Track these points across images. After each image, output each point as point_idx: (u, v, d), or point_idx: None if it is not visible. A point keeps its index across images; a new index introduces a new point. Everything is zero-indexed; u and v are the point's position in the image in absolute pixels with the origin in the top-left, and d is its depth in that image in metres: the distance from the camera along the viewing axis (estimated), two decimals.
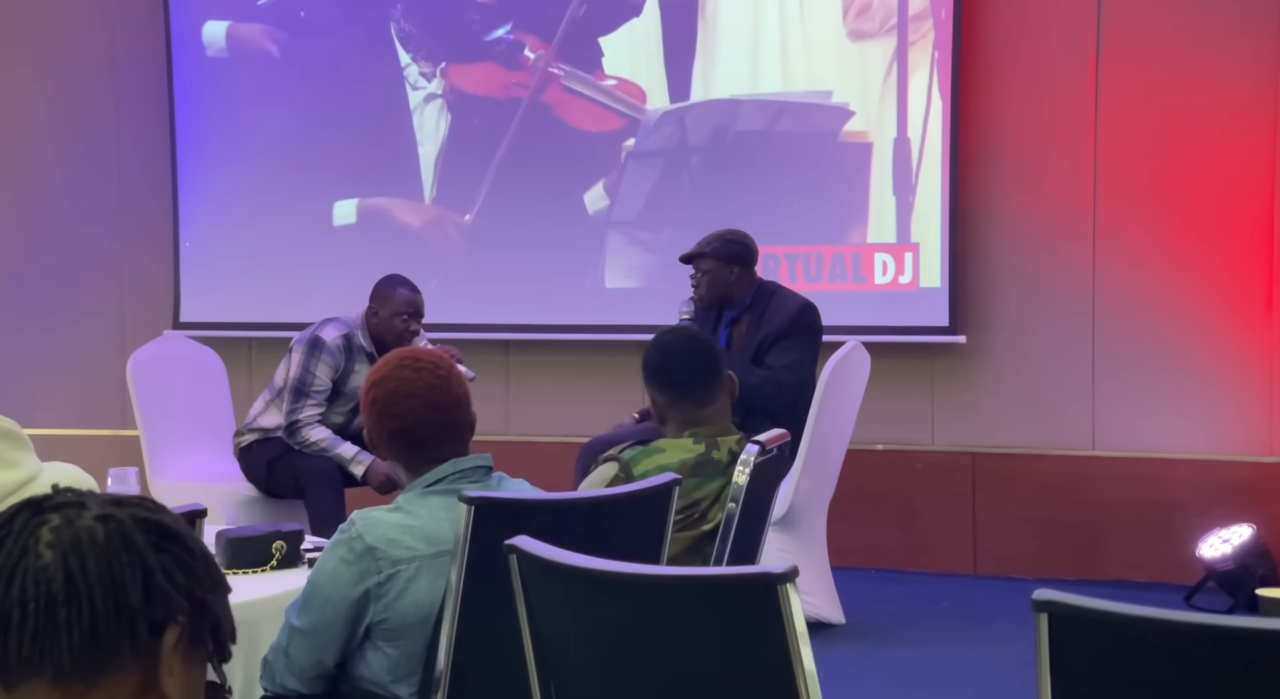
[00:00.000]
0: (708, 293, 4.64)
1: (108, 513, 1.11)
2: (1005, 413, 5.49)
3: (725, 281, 4.61)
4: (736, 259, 4.62)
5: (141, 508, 1.14)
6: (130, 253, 6.53)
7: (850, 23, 5.54)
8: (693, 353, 3.01)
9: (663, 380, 2.99)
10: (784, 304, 4.59)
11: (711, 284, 4.61)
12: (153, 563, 1.10)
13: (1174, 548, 5.10)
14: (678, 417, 2.97)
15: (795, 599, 1.73)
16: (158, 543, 1.12)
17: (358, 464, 4.60)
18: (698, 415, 2.96)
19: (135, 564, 1.10)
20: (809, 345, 4.58)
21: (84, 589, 1.07)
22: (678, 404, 2.97)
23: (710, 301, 4.66)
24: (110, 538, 1.10)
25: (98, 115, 6.53)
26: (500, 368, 6.03)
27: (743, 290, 4.63)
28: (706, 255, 4.63)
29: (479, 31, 6.03)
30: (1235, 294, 5.22)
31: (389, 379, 2.39)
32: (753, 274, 4.67)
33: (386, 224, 6.19)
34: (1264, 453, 5.17)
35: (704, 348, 3.04)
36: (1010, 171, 5.47)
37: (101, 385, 6.39)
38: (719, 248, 4.62)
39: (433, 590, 2.28)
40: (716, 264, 4.61)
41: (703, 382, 2.97)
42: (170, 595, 1.10)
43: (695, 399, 2.96)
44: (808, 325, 4.58)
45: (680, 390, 2.96)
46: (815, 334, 4.61)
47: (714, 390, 2.98)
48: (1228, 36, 5.19)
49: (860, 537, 5.41)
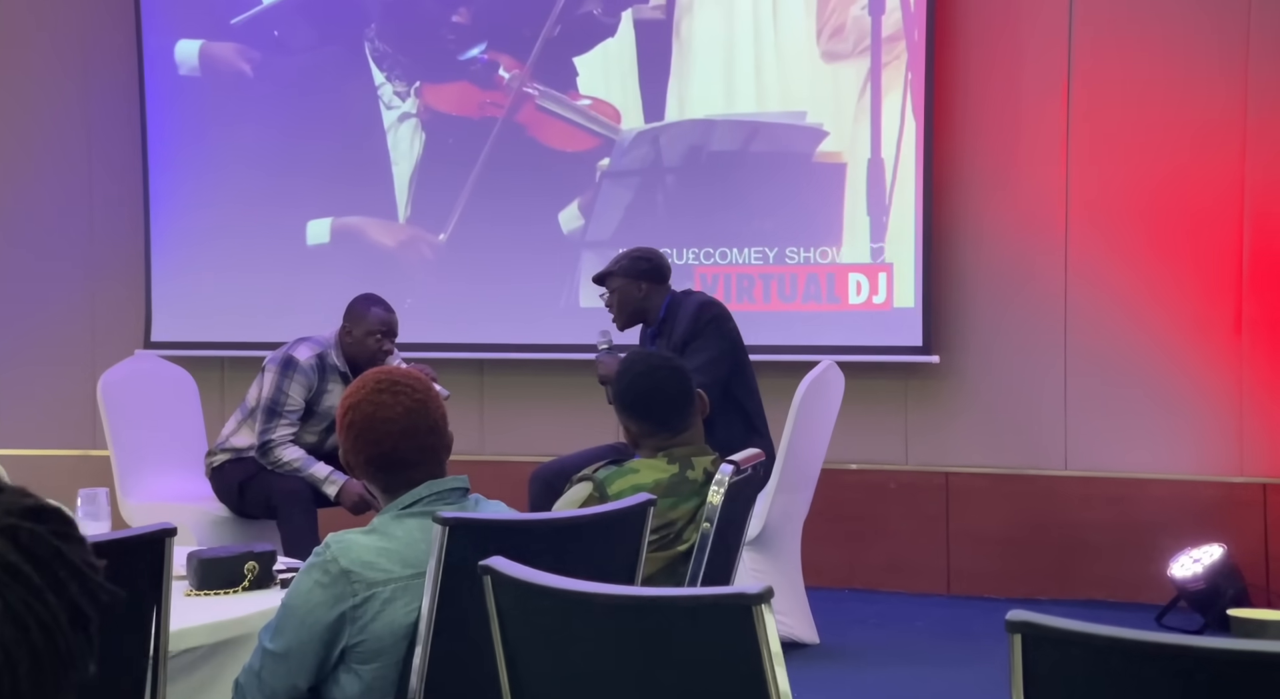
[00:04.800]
0: (619, 312, 4.62)
1: (6, 524, 0.94)
2: (978, 433, 5.51)
3: (634, 299, 4.59)
4: (643, 275, 4.59)
5: (10, 495, 0.97)
6: (101, 272, 6.49)
7: (824, 44, 5.57)
8: (663, 380, 3.00)
9: (637, 412, 2.98)
10: (686, 307, 4.55)
11: (621, 302, 4.60)
12: (74, 558, 0.95)
13: (1145, 567, 5.12)
14: (651, 443, 2.98)
15: (770, 620, 1.73)
16: (59, 531, 0.96)
17: (331, 484, 4.58)
18: (669, 441, 2.96)
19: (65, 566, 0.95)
20: (716, 340, 4.46)
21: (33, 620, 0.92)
22: (653, 433, 2.97)
23: (625, 321, 4.65)
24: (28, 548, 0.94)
25: (69, 133, 6.50)
26: (475, 387, 6.02)
27: (655, 305, 4.60)
28: (614, 274, 4.61)
29: (454, 51, 6.04)
30: (1204, 315, 5.26)
31: (365, 403, 2.37)
32: (663, 289, 4.63)
33: (360, 243, 6.17)
34: (1234, 473, 5.21)
35: (676, 375, 3.03)
36: (983, 193, 5.50)
37: (71, 405, 6.34)
38: (625, 266, 4.61)
39: (408, 612, 2.27)
40: (624, 282, 4.59)
41: (677, 409, 2.97)
42: (94, 582, 0.96)
43: (670, 427, 2.96)
44: (710, 321, 4.49)
45: (655, 420, 2.97)
46: (719, 327, 4.50)
47: (688, 416, 2.99)
48: (1197, 59, 5.24)
49: (834, 556, 5.41)
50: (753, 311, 5.63)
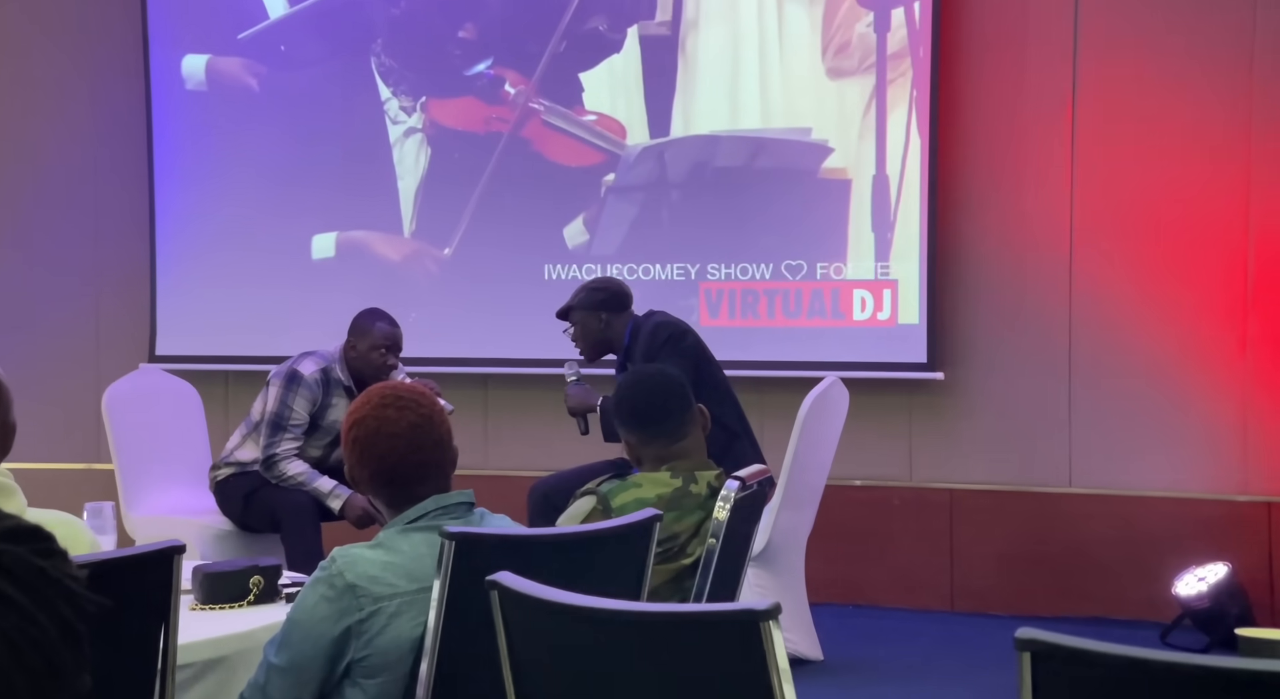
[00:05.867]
0: (583, 343, 4.63)
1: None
2: (982, 449, 5.50)
3: (596, 329, 4.60)
4: (601, 305, 4.60)
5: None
6: (106, 285, 6.50)
7: (829, 60, 5.58)
8: (658, 389, 3.02)
9: (631, 421, 2.99)
10: (644, 330, 4.54)
11: (584, 334, 4.61)
12: (56, 574, 0.95)
13: (1150, 585, 5.11)
14: (651, 455, 2.98)
15: (778, 637, 1.73)
16: (39, 549, 0.96)
17: (335, 498, 4.58)
18: (671, 450, 2.96)
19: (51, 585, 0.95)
20: (676, 359, 4.33)
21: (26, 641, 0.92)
22: (649, 442, 2.97)
23: (591, 352, 4.65)
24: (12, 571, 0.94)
25: (75, 147, 6.51)
26: (479, 402, 6.02)
27: (618, 333, 4.60)
28: (574, 308, 4.62)
29: (460, 66, 6.05)
30: (1209, 332, 5.26)
31: (371, 418, 2.37)
32: (625, 316, 4.62)
33: (365, 257, 6.18)
34: (1238, 491, 5.20)
35: (669, 383, 3.05)
36: (988, 209, 5.51)
37: (76, 418, 6.35)
38: (584, 298, 4.62)
39: (414, 627, 2.27)
40: (584, 314, 4.60)
41: (673, 416, 2.98)
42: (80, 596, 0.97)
43: (667, 434, 2.96)
44: (665, 341, 4.46)
45: (650, 428, 2.97)
46: (675, 345, 4.44)
47: (685, 425, 2.99)
48: (1202, 76, 5.24)
49: (838, 572, 5.40)
50: (757, 327, 5.64)
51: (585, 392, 4.67)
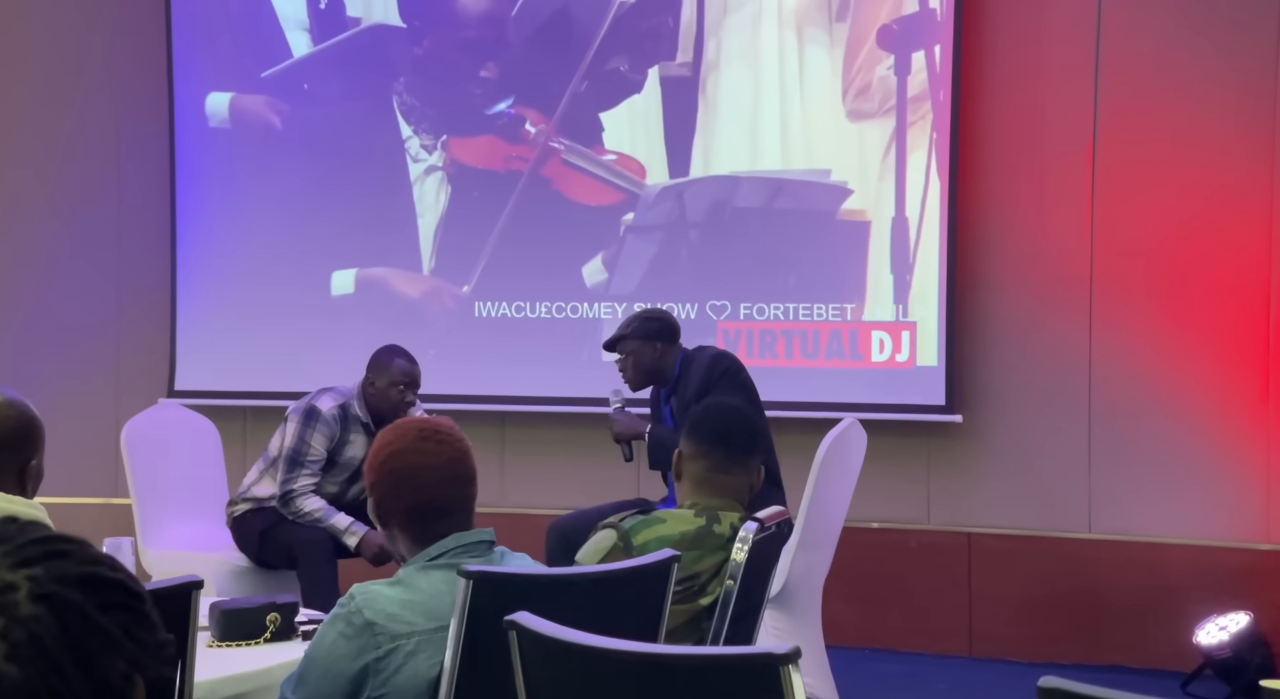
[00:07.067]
0: (635, 373, 4.59)
1: (46, 591, 0.93)
2: (1001, 493, 5.47)
3: (650, 360, 4.57)
4: (656, 335, 4.58)
5: (71, 561, 0.96)
6: (127, 321, 6.53)
7: (850, 103, 5.60)
8: (744, 421, 3.07)
9: (700, 432, 3.00)
10: (699, 362, 4.53)
11: (636, 364, 4.57)
12: (116, 632, 0.95)
13: (1170, 634, 5.06)
14: (693, 471, 2.97)
15: (797, 680, 1.72)
16: (107, 602, 0.96)
17: (351, 535, 4.57)
18: (713, 477, 2.95)
19: (101, 640, 0.94)
20: (734, 391, 4.36)
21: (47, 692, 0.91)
22: (702, 457, 2.97)
23: (639, 382, 4.62)
24: (62, 620, 0.93)
25: (100, 182, 6.56)
26: (496, 440, 6.02)
27: (670, 364, 4.58)
28: (627, 337, 4.59)
29: (481, 105, 6.09)
30: (1232, 379, 5.23)
31: (410, 451, 2.36)
32: (676, 347, 4.61)
33: (385, 294, 6.20)
34: (1261, 540, 5.16)
35: (755, 424, 3.11)
36: (1008, 252, 5.50)
37: (95, 453, 6.35)
38: (638, 328, 4.59)
39: (431, 666, 2.26)
40: (638, 344, 4.57)
41: (737, 446, 2.98)
42: (138, 655, 0.96)
43: (716, 459, 2.96)
44: (723, 373, 4.45)
45: (707, 444, 2.97)
46: (733, 378, 4.45)
47: (740, 462, 2.98)
48: (1223, 119, 5.24)
49: (855, 615, 5.37)
50: (775, 368, 5.63)
51: (632, 418, 4.67)
